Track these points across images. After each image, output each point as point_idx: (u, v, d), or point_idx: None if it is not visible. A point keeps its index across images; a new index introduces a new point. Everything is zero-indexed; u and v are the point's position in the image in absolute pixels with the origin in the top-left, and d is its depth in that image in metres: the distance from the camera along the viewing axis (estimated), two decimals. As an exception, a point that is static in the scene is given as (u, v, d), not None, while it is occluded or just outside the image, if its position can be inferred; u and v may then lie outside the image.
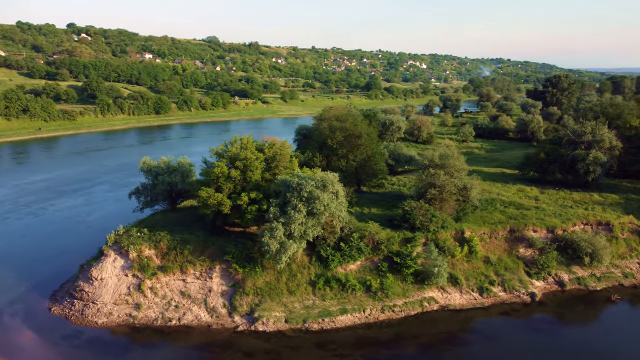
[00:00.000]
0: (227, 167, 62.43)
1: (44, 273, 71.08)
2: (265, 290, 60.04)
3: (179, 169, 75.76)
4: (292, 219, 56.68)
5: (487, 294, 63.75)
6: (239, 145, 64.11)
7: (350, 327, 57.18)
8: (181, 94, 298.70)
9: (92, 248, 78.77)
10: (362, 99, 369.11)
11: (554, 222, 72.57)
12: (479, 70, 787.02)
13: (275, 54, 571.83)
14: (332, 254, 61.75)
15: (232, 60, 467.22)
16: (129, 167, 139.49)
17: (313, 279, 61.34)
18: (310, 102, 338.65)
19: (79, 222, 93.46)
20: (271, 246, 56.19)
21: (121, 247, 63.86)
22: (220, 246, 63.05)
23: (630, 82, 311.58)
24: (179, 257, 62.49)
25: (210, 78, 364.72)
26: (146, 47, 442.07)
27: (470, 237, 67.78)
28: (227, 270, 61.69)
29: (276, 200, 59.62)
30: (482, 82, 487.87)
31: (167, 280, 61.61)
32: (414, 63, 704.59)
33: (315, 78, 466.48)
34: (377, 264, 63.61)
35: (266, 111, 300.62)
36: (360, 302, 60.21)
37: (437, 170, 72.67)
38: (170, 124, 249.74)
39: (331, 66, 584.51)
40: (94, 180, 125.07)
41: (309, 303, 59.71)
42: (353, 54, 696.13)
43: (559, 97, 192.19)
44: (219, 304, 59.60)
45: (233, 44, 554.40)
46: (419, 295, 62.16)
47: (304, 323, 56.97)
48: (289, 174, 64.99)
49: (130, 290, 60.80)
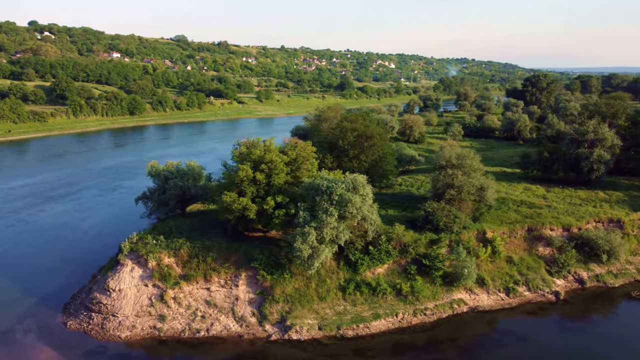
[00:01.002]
0: (251, 170, 60.14)
1: (49, 284, 67.13)
2: (295, 297, 58.16)
3: (189, 172, 72.92)
4: (324, 223, 55.05)
5: (513, 294, 63.68)
6: (263, 148, 61.90)
7: (384, 333, 55.98)
8: (154, 94, 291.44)
9: (95, 256, 75.94)
10: (337, 99, 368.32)
11: (569, 221, 73.27)
12: (446, 69, 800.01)
13: (245, 53, 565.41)
14: (361, 257, 60.41)
15: (203, 60, 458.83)
16: (114, 170, 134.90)
17: (342, 284, 59.83)
18: (285, 101, 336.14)
19: (75, 229, 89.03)
20: (303, 252, 54.42)
21: (139, 255, 60.77)
22: (245, 252, 60.76)
23: (596, 82, 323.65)
24: (202, 265, 59.90)
25: (182, 78, 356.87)
26: (113, 46, 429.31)
27: (493, 237, 67.64)
28: (254, 277, 59.48)
29: (304, 204, 57.89)
30: (452, 81, 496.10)
31: (190, 289, 58.93)
32: (383, 63, 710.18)
33: (287, 78, 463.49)
34: (404, 267, 62.63)
35: (243, 111, 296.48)
36: (392, 306, 59.08)
37: (455, 171, 72.30)
38: (145, 125, 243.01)
39: (301, 66, 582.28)
40: (80, 184, 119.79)
41: (340, 309, 58.18)
42: (322, 54, 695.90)
43: (538, 96, 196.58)
44: (248, 313, 57.38)
45: (202, 43, 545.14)
46: (449, 298, 61.53)
47: (338, 330, 55.43)
48: (310, 176, 63.44)
49: (153, 301, 57.85)
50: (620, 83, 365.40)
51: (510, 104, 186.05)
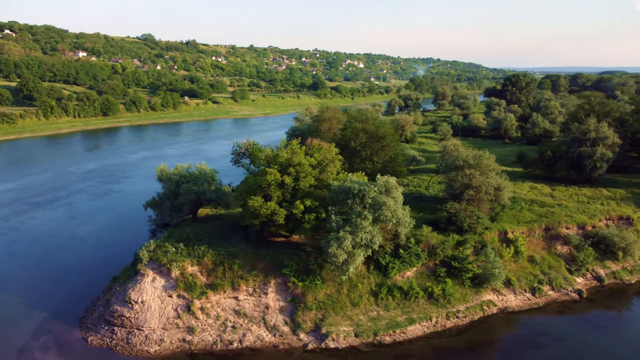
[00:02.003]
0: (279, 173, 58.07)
1: (57, 297, 63.31)
2: (327, 303, 56.44)
3: (201, 176, 70.06)
4: (359, 227, 53.58)
5: (539, 294, 63.77)
6: (289, 150, 59.87)
7: (421, 338, 54.97)
8: (125, 94, 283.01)
9: (100, 265, 72.59)
10: (312, 99, 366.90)
11: (582, 219, 74.10)
12: (413, 69, 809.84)
13: (214, 52, 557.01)
14: (392, 261, 59.19)
15: (173, 59, 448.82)
16: (99, 174, 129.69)
17: (374, 289, 58.49)
18: (261, 101, 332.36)
19: (72, 237, 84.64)
20: (339, 257, 52.80)
21: (161, 265, 57.82)
22: (272, 259, 58.64)
23: (565, 81, 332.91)
24: (228, 273, 57.46)
25: (152, 77, 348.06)
26: (79, 44, 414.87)
27: (515, 237, 67.62)
28: (283, 284, 57.44)
29: (335, 208, 56.28)
30: (423, 81, 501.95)
31: (217, 299, 56.42)
32: (352, 62, 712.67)
33: (259, 77, 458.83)
34: (433, 270, 61.79)
35: (219, 111, 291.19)
36: (424, 310, 58.13)
37: (473, 171, 72.02)
38: (119, 126, 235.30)
39: (272, 65, 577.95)
40: (67, 189, 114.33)
41: (373, 314, 56.83)
42: (292, 53, 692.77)
43: (518, 95, 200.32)
44: (280, 322, 55.33)
45: (170, 42, 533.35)
46: (478, 299, 61.04)
47: (375, 336, 54.08)
48: (334, 178, 61.93)
49: (179, 312, 55.09)
50: (585, 82, 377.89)
51: (492, 103, 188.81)
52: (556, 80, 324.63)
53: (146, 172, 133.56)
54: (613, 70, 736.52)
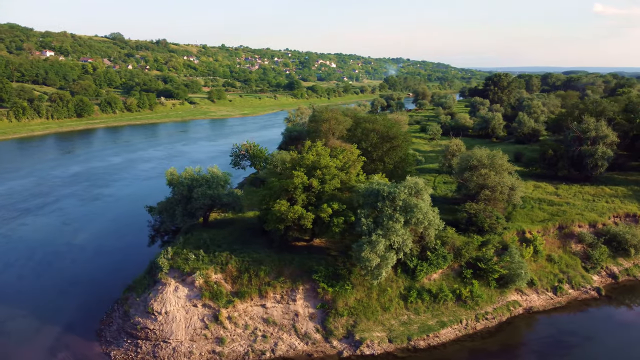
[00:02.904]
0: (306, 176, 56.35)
1: (66, 310, 60.03)
2: (358, 309, 55.07)
3: (214, 179, 67.53)
4: (391, 230, 52.42)
5: (560, 293, 64.00)
6: (315, 152, 58.20)
7: (454, 341, 54.22)
8: (97, 94, 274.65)
9: (105, 274, 69.96)
10: (289, 98, 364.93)
11: (593, 217, 74.89)
12: (385, 69, 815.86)
13: (185, 52, 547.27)
14: (420, 264, 58.27)
15: (144, 59, 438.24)
16: (85, 177, 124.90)
17: (403, 293, 57.42)
18: (238, 102, 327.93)
19: (69, 245, 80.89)
20: (372, 261, 51.55)
21: (183, 273, 55.34)
22: (299, 264, 56.87)
23: (537, 81, 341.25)
24: (255, 280, 55.39)
25: (125, 77, 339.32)
26: (45, 43, 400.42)
27: (534, 236, 67.71)
28: (312, 290, 55.77)
29: (364, 211, 54.99)
30: (396, 80, 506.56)
31: (244, 307, 54.32)
32: (324, 62, 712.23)
33: (233, 77, 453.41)
34: (458, 271, 61.15)
35: (196, 112, 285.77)
36: (454, 312, 57.43)
37: (489, 171, 71.88)
38: (94, 127, 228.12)
39: (245, 65, 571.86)
40: (54, 193, 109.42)
41: (404, 319, 55.78)
42: (263, 53, 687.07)
43: (500, 95, 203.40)
44: (311, 329, 53.67)
45: (140, 42, 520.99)
46: (504, 300, 60.77)
47: (409, 341, 53.04)
48: (357, 181, 60.68)
49: (206, 322, 52.76)
50: (555, 82, 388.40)
51: (477, 102, 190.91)
52: (529, 80, 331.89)
53: (135, 175, 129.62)
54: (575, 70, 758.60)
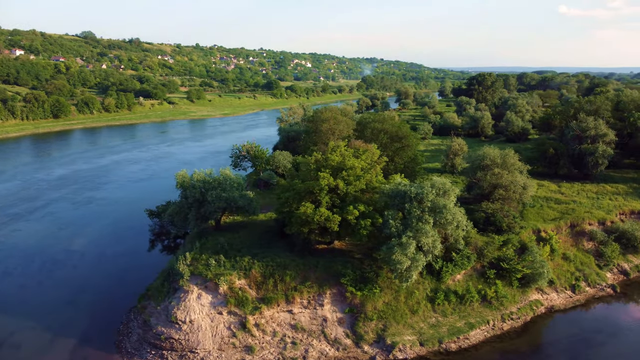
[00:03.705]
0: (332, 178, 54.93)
1: (78, 320, 57.27)
2: (387, 312, 53.98)
3: (227, 182, 65.44)
4: (421, 231, 51.52)
5: (578, 291, 64.34)
6: (339, 153, 56.82)
7: (484, 342, 53.70)
8: (72, 95, 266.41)
9: (112, 282, 67.90)
10: (268, 98, 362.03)
11: (601, 215, 75.70)
12: (359, 69, 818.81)
13: (159, 51, 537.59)
14: (445, 265, 57.57)
15: (118, 58, 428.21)
16: (72, 180, 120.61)
17: (430, 295, 56.61)
18: (218, 102, 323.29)
19: (69, 251, 77.63)
20: (403, 263, 50.55)
21: (206, 279, 53.27)
22: (325, 268, 55.44)
23: (514, 80, 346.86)
24: (280, 285, 53.72)
25: (99, 77, 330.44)
26: (14, 42, 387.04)
27: (549, 235, 67.88)
28: (339, 294, 54.41)
29: (392, 212, 53.97)
30: (373, 80, 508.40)
31: (270, 313, 52.61)
32: (300, 62, 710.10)
33: (210, 77, 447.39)
34: (481, 272, 60.73)
35: (176, 112, 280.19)
36: (480, 313, 56.95)
37: (502, 170, 71.83)
38: (72, 129, 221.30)
39: (220, 64, 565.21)
40: (43, 197, 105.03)
41: (432, 321, 54.98)
42: (238, 52, 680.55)
43: (484, 94, 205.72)
44: (341, 334, 52.33)
45: (112, 41, 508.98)
46: (526, 300, 60.64)
47: (440, 344, 52.26)
48: (378, 181, 59.63)
49: (234, 330, 50.85)
50: (530, 81, 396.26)
51: (463, 102, 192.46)
52: (506, 80, 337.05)
53: (124, 177, 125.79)
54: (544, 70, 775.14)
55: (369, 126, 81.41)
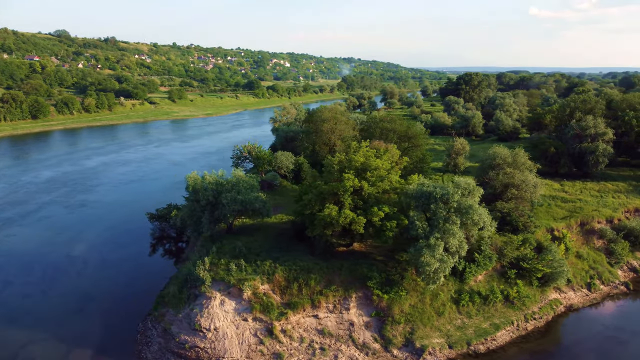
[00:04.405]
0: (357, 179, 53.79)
1: (91, 330, 54.86)
2: (414, 315, 53.11)
3: (242, 184, 63.66)
4: (449, 232, 50.87)
5: (594, 289, 64.68)
6: (363, 154, 55.69)
7: (510, 343, 53.38)
8: (49, 95, 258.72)
9: (120, 288, 65.64)
10: (250, 98, 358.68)
11: (609, 213, 76.47)
12: (338, 68, 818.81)
13: (135, 50, 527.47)
14: (468, 265, 57.03)
15: (95, 57, 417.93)
16: (62, 183, 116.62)
17: (454, 296, 55.99)
18: (200, 101, 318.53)
19: (69, 257, 74.60)
20: (432, 265, 49.83)
21: (229, 285, 51.55)
22: (350, 271, 54.30)
23: (493, 79, 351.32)
24: (305, 290, 52.38)
25: (77, 77, 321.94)
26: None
27: (563, 234, 68.11)
28: (365, 298, 53.35)
29: (417, 213, 53.20)
30: (354, 80, 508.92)
31: (296, 319, 51.22)
32: (279, 62, 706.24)
33: (189, 76, 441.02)
34: (501, 272, 60.43)
35: (158, 112, 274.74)
36: (503, 314, 56.58)
37: (513, 170, 71.84)
38: (51, 130, 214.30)
39: (198, 64, 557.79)
40: (33, 201, 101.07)
41: (458, 323, 54.36)
42: (216, 52, 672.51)
43: (471, 94, 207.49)
44: (369, 339, 51.25)
45: (87, 40, 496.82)
46: (546, 299, 60.61)
47: (468, 346, 51.68)
48: (396, 181, 58.80)
49: (260, 337, 49.29)
50: (509, 81, 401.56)
51: (451, 101, 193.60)
52: (487, 79, 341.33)
53: (115, 179, 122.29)
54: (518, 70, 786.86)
55: (378, 126, 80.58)
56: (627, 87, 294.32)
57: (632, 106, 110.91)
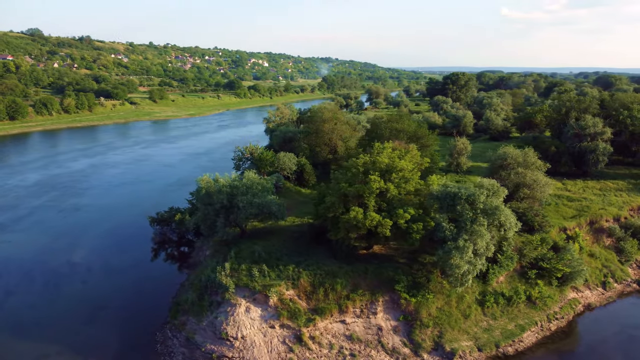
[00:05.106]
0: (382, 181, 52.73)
1: (107, 341, 52.65)
2: (441, 318, 52.37)
3: (257, 186, 62.02)
4: (477, 234, 50.26)
5: (608, 288, 65.08)
6: (387, 155, 54.65)
7: (537, 344, 53.12)
8: (25, 95, 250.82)
9: (129, 296, 63.03)
10: (232, 98, 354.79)
11: (615, 211, 77.19)
12: (316, 68, 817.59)
13: (111, 49, 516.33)
14: (491, 266, 56.57)
15: (70, 57, 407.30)
16: (51, 186, 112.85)
17: (479, 298, 55.49)
18: (181, 102, 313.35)
19: (71, 264, 71.95)
20: (462, 268, 49.23)
21: (254, 292, 49.95)
22: (376, 274, 53.24)
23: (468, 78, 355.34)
24: (332, 295, 51.15)
25: (53, 76, 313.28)
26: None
27: (576, 233, 68.36)
28: (391, 302, 52.39)
29: (443, 215, 52.49)
30: (334, 80, 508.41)
31: (324, 325, 49.96)
32: (257, 61, 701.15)
33: (168, 76, 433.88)
34: (520, 272, 60.22)
35: (139, 113, 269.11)
36: (526, 315, 56.34)
37: (525, 170, 71.86)
38: (30, 131, 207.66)
39: (176, 63, 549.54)
40: (24, 205, 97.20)
41: (484, 325, 53.86)
42: (193, 51, 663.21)
43: (458, 93, 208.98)
44: (398, 343, 50.29)
45: (62, 38, 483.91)
46: (565, 299, 60.66)
47: (497, 348, 51.22)
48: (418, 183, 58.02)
49: (290, 345, 47.85)
50: (488, 81, 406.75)
51: (440, 101, 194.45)
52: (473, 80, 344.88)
53: (106, 182, 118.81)
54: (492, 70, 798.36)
55: (387, 126, 79.69)
56: (604, 87, 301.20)
57: (625, 105, 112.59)
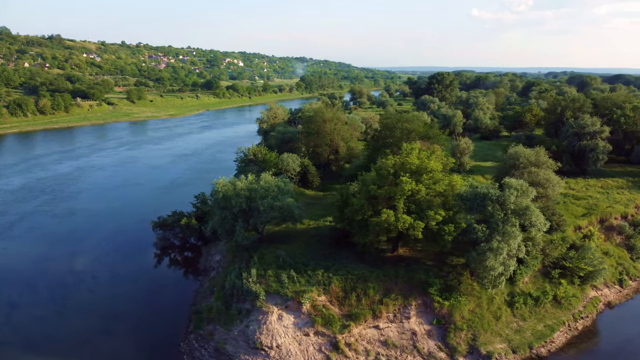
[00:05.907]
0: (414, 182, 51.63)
1: (128, 354, 50.13)
2: (474, 320, 51.59)
3: (275, 189, 60.17)
4: (510, 234, 49.68)
5: (625, 285, 65.59)
6: (416, 155, 53.58)
7: (567, 344, 52.89)
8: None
9: (141, 305, 61.05)
10: (211, 98, 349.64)
11: (622, 209, 78.08)
12: (291, 68, 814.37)
13: (83, 48, 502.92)
14: (518, 267, 56.09)
15: (41, 56, 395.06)
16: (39, 190, 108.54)
17: (507, 299, 54.97)
18: (160, 102, 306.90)
19: (74, 272, 68.71)
20: (496, 269, 48.63)
21: (285, 298, 48.22)
22: (407, 278, 52.11)
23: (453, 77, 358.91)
24: (365, 300, 49.83)
25: (24, 76, 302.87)
26: None
27: (591, 232, 68.72)
28: (424, 305, 51.35)
29: (474, 216, 51.80)
30: (312, 80, 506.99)
31: (358, 331, 48.58)
32: (232, 61, 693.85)
33: (143, 76, 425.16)
34: (543, 272, 60.05)
35: (117, 114, 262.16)
36: (553, 315, 56.12)
37: (538, 169, 71.89)
38: (5, 133, 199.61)
39: (150, 63, 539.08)
40: (14, 211, 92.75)
41: (514, 326, 53.35)
42: (167, 51, 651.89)
43: (443, 93, 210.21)
44: (433, 347, 49.28)
45: (30, 37, 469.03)
46: (587, 297, 60.79)
47: (530, 350, 50.74)
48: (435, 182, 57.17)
49: (326, 353, 46.26)
50: (466, 80, 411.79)
51: (427, 100, 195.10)
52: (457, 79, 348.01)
53: (96, 185, 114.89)
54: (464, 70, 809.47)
55: (398, 126, 78.75)
56: (579, 87, 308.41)
57: (617, 105, 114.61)
